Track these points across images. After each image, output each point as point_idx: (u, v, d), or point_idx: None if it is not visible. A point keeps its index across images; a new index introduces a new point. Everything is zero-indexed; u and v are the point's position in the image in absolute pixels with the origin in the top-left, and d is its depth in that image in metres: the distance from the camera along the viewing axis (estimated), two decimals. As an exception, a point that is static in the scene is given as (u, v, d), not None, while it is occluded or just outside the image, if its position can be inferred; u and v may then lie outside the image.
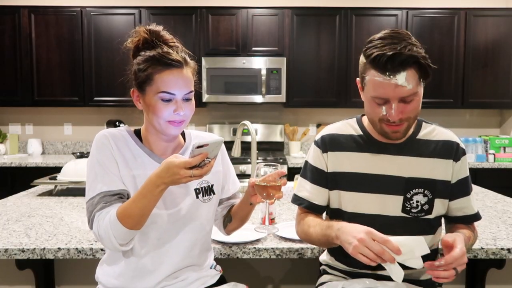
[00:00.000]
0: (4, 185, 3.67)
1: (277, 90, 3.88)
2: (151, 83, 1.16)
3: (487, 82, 4.00)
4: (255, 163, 2.28)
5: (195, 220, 1.25)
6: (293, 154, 4.15)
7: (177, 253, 1.24)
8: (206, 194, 1.28)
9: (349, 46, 3.95)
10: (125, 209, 1.09)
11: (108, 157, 1.18)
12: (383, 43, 1.11)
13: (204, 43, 3.94)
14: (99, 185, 1.15)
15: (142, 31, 1.21)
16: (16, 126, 4.35)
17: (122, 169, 1.18)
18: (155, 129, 1.21)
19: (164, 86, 1.15)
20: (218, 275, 1.36)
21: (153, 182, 1.07)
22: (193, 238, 1.26)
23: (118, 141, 1.21)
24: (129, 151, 1.21)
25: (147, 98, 1.17)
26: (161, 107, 1.15)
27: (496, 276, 1.73)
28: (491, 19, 3.96)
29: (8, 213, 1.87)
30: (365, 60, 1.15)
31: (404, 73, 1.09)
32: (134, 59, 1.22)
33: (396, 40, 1.10)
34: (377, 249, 1.01)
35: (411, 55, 1.08)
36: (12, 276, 1.76)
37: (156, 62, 1.15)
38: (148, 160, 1.22)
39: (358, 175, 1.27)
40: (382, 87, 1.12)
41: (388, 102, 1.14)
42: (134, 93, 1.21)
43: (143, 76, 1.16)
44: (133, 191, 1.16)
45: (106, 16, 3.92)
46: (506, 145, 3.84)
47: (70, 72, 3.96)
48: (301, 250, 1.43)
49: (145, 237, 1.20)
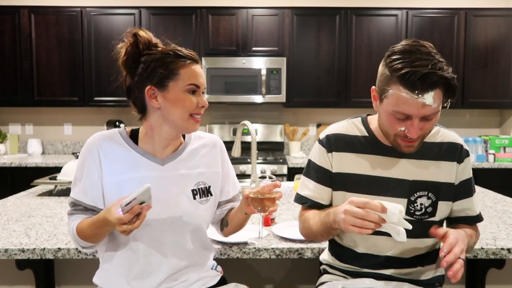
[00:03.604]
0: (4, 185, 3.67)
1: (277, 90, 3.89)
2: (176, 77, 1.18)
3: (487, 82, 4.00)
4: (255, 163, 2.28)
5: (193, 221, 1.25)
6: (293, 154, 4.15)
7: (176, 254, 1.23)
8: (203, 195, 1.28)
9: (349, 46, 3.95)
10: (82, 230, 1.18)
11: (90, 168, 1.21)
12: (411, 58, 1.08)
13: (204, 43, 3.94)
14: (76, 189, 1.23)
15: (133, 33, 1.21)
16: (16, 126, 4.35)
17: (107, 177, 1.20)
18: (174, 125, 1.21)
19: (192, 78, 1.19)
20: (219, 276, 1.36)
21: (101, 220, 1.12)
22: (192, 239, 1.26)
23: (108, 146, 1.22)
24: (120, 155, 1.22)
25: (172, 93, 1.18)
26: (191, 99, 1.20)
27: (496, 276, 1.73)
28: (491, 19, 3.96)
29: (8, 213, 1.87)
30: (390, 74, 1.11)
31: (432, 93, 1.07)
32: (127, 62, 1.21)
33: (425, 56, 1.08)
34: (361, 213, 1.04)
35: (443, 76, 1.06)
36: (12, 276, 1.76)
37: (178, 57, 1.18)
38: (141, 160, 1.22)
39: (363, 176, 1.26)
40: (407, 104, 1.09)
41: (410, 118, 1.12)
42: (151, 90, 1.19)
43: (165, 72, 1.18)
44: (117, 196, 1.15)
45: (106, 16, 3.92)
46: (506, 145, 3.84)
47: (70, 72, 3.96)
48: (301, 250, 1.43)
49: (142, 239, 1.20)
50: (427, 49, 1.10)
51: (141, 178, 1.20)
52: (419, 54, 1.08)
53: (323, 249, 1.43)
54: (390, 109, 1.14)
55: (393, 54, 1.12)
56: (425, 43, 1.13)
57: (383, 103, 1.16)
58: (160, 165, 1.24)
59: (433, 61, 1.07)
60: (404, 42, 1.14)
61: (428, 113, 1.10)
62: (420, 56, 1.08)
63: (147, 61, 1.19)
